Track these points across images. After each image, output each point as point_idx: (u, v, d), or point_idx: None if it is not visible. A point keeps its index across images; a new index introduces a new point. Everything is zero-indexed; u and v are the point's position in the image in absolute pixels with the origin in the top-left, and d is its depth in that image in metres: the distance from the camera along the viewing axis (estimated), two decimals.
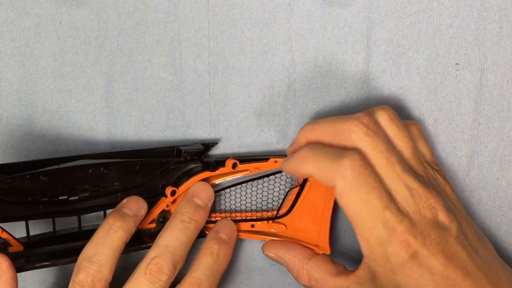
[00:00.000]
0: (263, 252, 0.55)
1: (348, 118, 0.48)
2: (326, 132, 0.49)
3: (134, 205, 0.51)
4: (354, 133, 0.47)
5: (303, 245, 0.54)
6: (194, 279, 0.51)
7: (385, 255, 0.46)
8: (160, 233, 0.51)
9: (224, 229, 0.54)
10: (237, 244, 0.57)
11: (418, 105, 0.54)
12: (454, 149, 0.55)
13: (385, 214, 0.46)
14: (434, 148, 0.55)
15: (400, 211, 0.46)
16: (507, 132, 0.55)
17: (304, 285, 0.53)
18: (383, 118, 0.49)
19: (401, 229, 0.46)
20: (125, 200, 0.52)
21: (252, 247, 0.57)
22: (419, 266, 0.46)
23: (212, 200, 0.53)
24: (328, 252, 0.54)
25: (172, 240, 0.50)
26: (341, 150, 0.47)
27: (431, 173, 0.50)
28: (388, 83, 0.54)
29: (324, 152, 0.47)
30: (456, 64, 0.54)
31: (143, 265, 0.49)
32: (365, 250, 0.48)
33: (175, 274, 0.50)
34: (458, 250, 0.47)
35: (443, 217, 0.47)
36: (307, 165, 0.48)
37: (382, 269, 0.47)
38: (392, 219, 0.46)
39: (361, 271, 0.49)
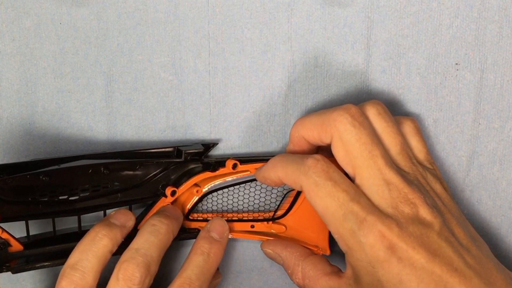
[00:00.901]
0: (261, 249, 0.55)
1: (336, 108, 0.49)
2: (314, 123, 0.49)
3: (122, 216, 0.51)
4: (339, 122, 0.48)
5: (302, 245, 0.54)
6: (184, 279, 0.50)
7: (361, 247, 0.46)
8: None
9: (215, 228, 0.54)
10: (237, 244, 0.57)
11: (418, 105, 0.54)
12: (454, 149, 0.55)
13: (352, 206, 0.46)
14: (434, 148, 0.55)
15: (371, 204, 0.46)
16: (507, 132, 0.55)
17: (297, 284, 0.53)
18: (372, 112, 0.49)
19: (372, 219, 0.45)
20: (113, 212, 0.51)
21: (252, 248, 0.57)
22: (398, 260, 0.45)
23: (181, 218, 0.53)
24: (327, 253, 0.54)
25: (142, 242, 0.50)
26: (306, 155, 0.49)
27: (420, 171, 0.49)
28: (388, 83, 0.54)
29: (292, 158, 0.50)
30: (456, 64, 0.54)
31: (115, 271, 0.49)
32: (342, 246, 0.47)
33: (150, 276, 0.49)
34: (442, 246, 0.46)
35: (424, 213, 0.46)
36: (276, 171, 0.50)
37: (362, 264, 0.46)
38: (360, 210, 0.46)
39: (348, 271, 0.49)
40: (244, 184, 0.55)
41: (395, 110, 0.54)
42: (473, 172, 0.56)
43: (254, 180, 0.55)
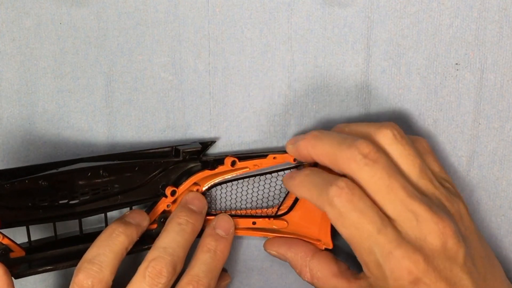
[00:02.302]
0: (265, 250, 0.55)
1: (349, 145, 0.47)
2: (327, 155, 0.49)
3: (137, 216, 0.51)
4: (353, 162, 0.47)
5: (306, 241, 0.54)
6: (192, 276, 0.50)
7: (384, 278, 0.46)
8: (158, 236, 0.51)
9: (221, 224, 0.54)
10: (237, 244, 0.57)
11: (418, 105, 0.54)
12: (454, 149, 0.55)
13: (379, 238, 0.46)
14: (434, 148, 0.55)
15: (400, 236, 0.46)
16: (507, 132, 0.55)
17: (307, 281, 0.54)
18: (387, 137, 0.48)
19: (399, 253, 0.45)
20: (128, 212, 0.52)
21: (252, 247, 0.57)
22: None
23: (206, 208, 0.53)
24: (330, 246, 0.55)
25: (169, 241, 0.50)
26: (331, 177, 0.48)
27: (443, 191, 0.49)
28: (388, 83, 0.54)
29: (316, 179, 0.49)
30: (456, 64, 0.54)
31: (141, 268, 0.49)
32: (365, 270, 0.48)
33: (175, 275, 0.50)
34: (462, 278, 0.46)
35: (451, 243, 0.46)
36: (302, 191, 0.50)
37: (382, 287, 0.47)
38: (387, 243, 0.45)
39: (362, 282, 0.49)
40: (243, 180, 0.55)
41: (395, 110, 0.54)
42: (473, 172, 0.56)
43: (253, 176, 0.55)
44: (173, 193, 0.53)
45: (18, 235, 0.51)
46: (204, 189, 0.54)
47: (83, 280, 0.48)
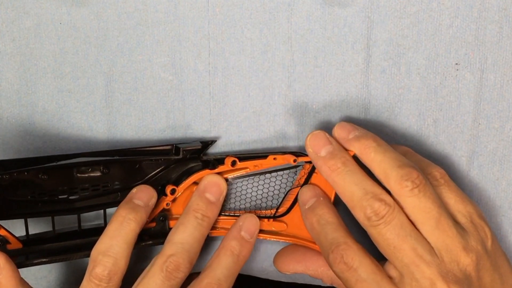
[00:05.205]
0: (279, 270, 0.55)
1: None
2: (344, 196, 0.50)
3: (144, 195, 0.51)
4: (366, 221, 0.49)
5: (316, 250, 0.54)
6: (213, 279, 0.51)
7: None
8: (174, 229, 0.51)
9: (248, 227, 0.53)
10: None
11: (418, 105, 0.54)
12: (454, 149, 0.55)
13: None
14: (434, 148, 0.55)
15: None
16: (507, 132, 0.55)
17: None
18: (404, 191, 0.48)
19: None
20: (134, 190, 0.51)
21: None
22: None
23: (224, 194, 0.53)
24: None
25: (187, 237, 0.51)
26: (334, 240, 0.49)
27: (460, 240, 0.47)
28: (388, 83, 0.54)
29: (321, 236, 0.51)
30: (456, 64, 0.54)
31: (159, 262, 0.50)
32: None
33: (190, 270, 0.50)
34: None
35: None
36: (312, 235, 0.52)
37: None
38: None
39: None
40: (243, 180, 0.55)
41: (395, 110, 0.54)
42: (473, 172, 0.56)
43: (253, 175, 0.55)
44: (172, 191, 0.53)
45: (18, 230, 0.51)
46: None
47: (100, 273, 0.48)
